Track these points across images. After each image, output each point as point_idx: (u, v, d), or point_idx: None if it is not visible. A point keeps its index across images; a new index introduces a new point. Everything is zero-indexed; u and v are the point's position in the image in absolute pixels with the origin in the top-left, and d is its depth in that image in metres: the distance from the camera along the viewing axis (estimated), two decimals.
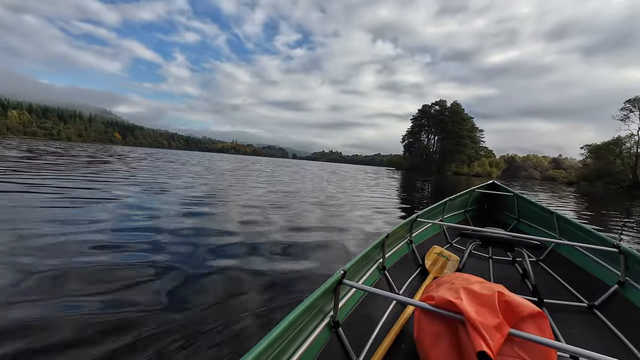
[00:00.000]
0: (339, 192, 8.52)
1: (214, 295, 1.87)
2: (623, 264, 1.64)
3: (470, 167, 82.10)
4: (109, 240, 2.74)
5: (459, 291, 0.95)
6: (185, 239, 2.95)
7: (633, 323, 1.45)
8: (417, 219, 2.22)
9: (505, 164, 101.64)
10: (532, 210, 3.11)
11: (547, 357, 0.82)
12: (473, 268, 2.21)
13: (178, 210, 4.24)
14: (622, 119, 40.89)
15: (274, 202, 5.81)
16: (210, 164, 19.56)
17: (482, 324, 0.81)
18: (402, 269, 1.94)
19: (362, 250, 1.41)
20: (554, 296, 1.80)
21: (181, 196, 5.55)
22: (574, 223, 2.33)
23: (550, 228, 2.70)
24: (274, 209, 5.02)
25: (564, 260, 2.25)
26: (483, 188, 3.73)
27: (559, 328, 1.49)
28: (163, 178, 8.44)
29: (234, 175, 12.40)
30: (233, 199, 5.84)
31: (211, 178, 9.92)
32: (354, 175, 19.36)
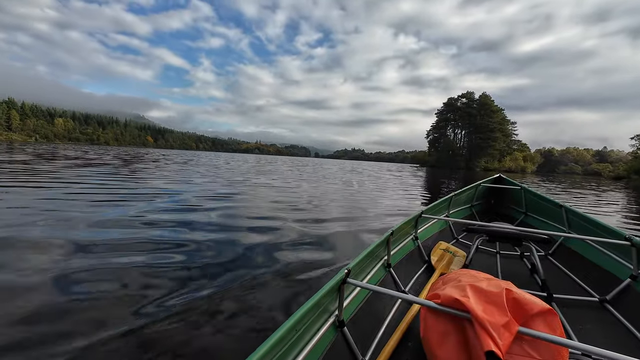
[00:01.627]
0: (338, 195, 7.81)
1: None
2: (635, 257, 1.58)
3: (502, 162, 77.32)
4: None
5: (465, 289, 0.93)
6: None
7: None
8: (422, 214, 2.16)
9: (541, 158, 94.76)
10: (540, 203, 3.02)
11: (559, 356, 0.81)
12: (480, 264, 2.18)
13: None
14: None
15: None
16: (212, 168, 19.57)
17: (490, 322, 0.80)
18: (407, 266, 1.89)
19: (366, 248, 1.37)
20: (564, 291, 1.76)
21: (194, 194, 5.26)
22: (583, 216, 2.25)
23: (559, 222, 2.60)
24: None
25: (573, 254, 2.19)
26: (489, 182, 3.61)
27: (570, 324, 1.47)
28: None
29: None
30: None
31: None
32: (367, 175, 18.46)
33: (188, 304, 1.67)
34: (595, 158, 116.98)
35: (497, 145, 77.22)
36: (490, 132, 77.22)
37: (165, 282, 1.94)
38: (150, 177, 8.25)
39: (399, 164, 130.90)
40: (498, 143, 77.31)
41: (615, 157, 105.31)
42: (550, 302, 1.65)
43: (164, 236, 2.90)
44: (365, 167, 33.07)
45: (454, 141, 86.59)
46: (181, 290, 1.83)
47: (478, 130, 78.92)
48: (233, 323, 1.52)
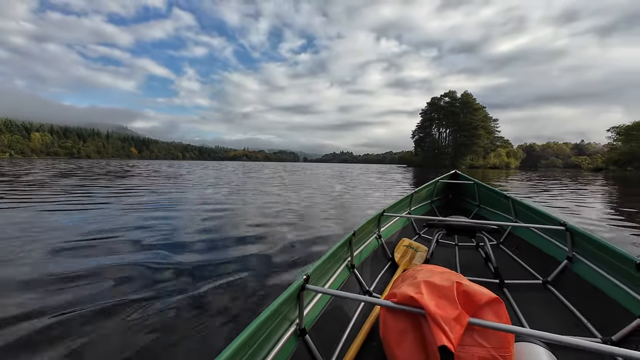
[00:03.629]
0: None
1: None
2: (570, 240, 1.73)
3: (486, 159, 78.83)
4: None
5: (420, 285, 0.95)
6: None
7: (581, 295, 1.55)
8: (384, 213, 2.19)
9: (523, 154, 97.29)
10: (491, 196, 3.19)
11: (505, 341, 0.85)
12: (441, 257, 2.26)
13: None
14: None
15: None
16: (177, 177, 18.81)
17: (443, 317, 0.82)
18: (372, 265, 1.91)
19: (327, 251, 1.35)
20: (514, 276, 1.88)
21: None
22: (526, 205, 2.41)
23: (507, 212, 2.77)
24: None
25: (520, 241, 2.34)
26: (446, 178, 3.74)
27: (519, 306, 1.57)
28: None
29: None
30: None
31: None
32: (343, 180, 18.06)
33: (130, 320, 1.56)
34: (574, 151, 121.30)
35: (481, 142, 78.74)
36: (473, 130, 78.73)
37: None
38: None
39: (387, 165, 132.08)
40: (482, 140, 78.83)
41: (592, 150, 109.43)
42: (502, 287, 1.76)
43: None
44: (349, 170, 32.79)
45: (439, 140, 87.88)
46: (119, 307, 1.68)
47: (462, 129, 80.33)
48: (183, 338, 1.43)
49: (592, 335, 1.32)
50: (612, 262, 1.41)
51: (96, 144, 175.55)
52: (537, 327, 1.32)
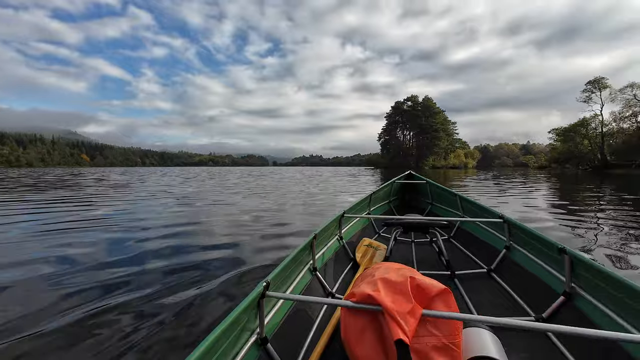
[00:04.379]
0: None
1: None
2: (507, 231, 1.90)
3: (447, 160, 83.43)
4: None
5: (377, 283, 0.98)
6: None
7: (518, 279, 1.68)
8: (344, 214, 2.23)
9: (479, 154, 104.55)
10: (441, 194, 3.36)
11: (455, 328, 0.91)
12: (399, 254, 2.33)
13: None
14: (585, 101, 42.43)
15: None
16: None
17: (398, 312, 0.86)
18: (334, 266, 1.93)
19: (288, 256, 1.34)
20: (463, 267, 2.01)
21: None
22: (471, 201, 2.58)
23: (456, 208, 2.93)
24: None
25: (468, 234, 2.51)
26: (402, 179, 3.89)
27: (467, 294, 1.68)
28: None
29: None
30: None
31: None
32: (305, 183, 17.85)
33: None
34: (522, 151, 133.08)
35: (441, 144, 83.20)
36: (434, 132, 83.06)
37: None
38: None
39: (356, 167, 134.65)
40: (442, 142, 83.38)
41: (537, 150, 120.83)
42: (452, 278, 1.87)
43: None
44: (319, 173, 32.64)
45: (403, 142, 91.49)
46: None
47: (424, 131, 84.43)
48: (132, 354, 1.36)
49: (528, 314, 1.44)
50: (541, 248, 1.56)
51: (39, 150, 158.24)
52: (484, 312, 1.51)
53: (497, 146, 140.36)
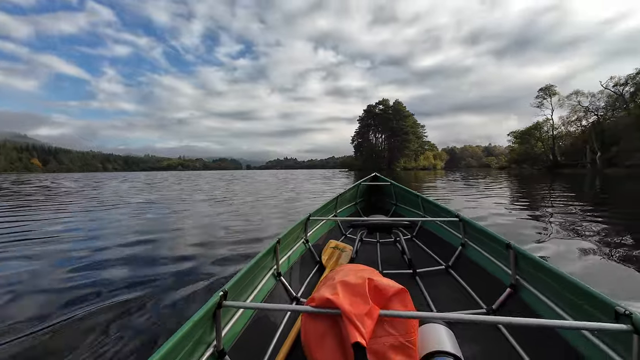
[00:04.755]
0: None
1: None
2: (462, 229, 2.00)
3: (417, 162, 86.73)
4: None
5: (336, 286, 0.98)
6: None
7: (472, 274, 1.77)
8: (310, 217, 2.23)
9: (447, 156, 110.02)
10: (404, 195, 3.45)
11: (410, 326, 0.93)
12: (365, 254, 2.36)
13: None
14: (538, 106, 46.24)
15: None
16: None
17: (356, 314, 0.87)
18: (300, 270, 1.91)
19: (249, 262, 1.29)
20: (424, 265, 2.07)
21: None
22: (431, 202, 2.67)
23: (417, 208, 3.02)
24: None
25: (429, 233, 2.59)
26: (367, 181, 3.97)
27: (428, 291, 1.73)
28: None
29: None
30: None
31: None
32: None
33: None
34: (485, 153, 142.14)
35: (411, 146, 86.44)
36: (405, 135, 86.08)
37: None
38: None
39: (331, 169, 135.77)
40: (412, 144, 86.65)
41: (498, 152, 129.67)
42: (414, 276, 1.92)
43: None
44: (293, 177, 32.40)
45: (376, 145, 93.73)
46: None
47: (395, 134, 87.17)
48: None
49: (480, 307, 1.50)
50: (490, 244, 1.65)
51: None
52: (442, 307, 1.56)
53: (462, 148, 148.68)
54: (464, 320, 0.84)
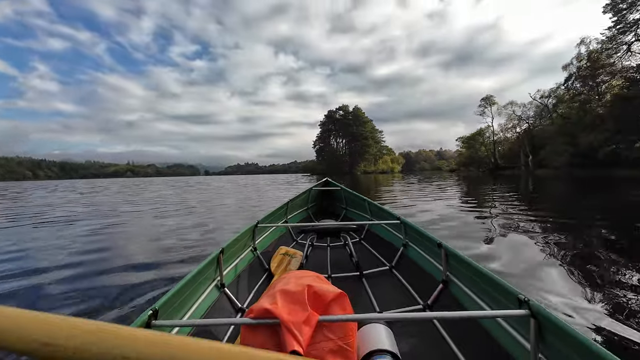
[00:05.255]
0: None
1: None
2: (403, 230, 2.11)
3: (376, 166, 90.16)
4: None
5: (276, 295, 0.98)
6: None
7: (412, 273, 1.87)
8: (258, 224, 2.20)
9: (403, 160, 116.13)
10: (354, 199, 3.54)
11: (349, 329, 0.95)
12: (315, 259, 2.38)
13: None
14: (481, 114, 51.16)
15: None
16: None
17: (294, 322, 0.87)
18: (247, 279, 1.88)
19: (186, 275, 1.19)
20: (371, 266, 2.15)
21: None
22: (377, 205, 2.83)
23: (365, 212, 3.13)
24: None
25: (375, 236, 2.68)
26: (319, 186, 4.05)
27: (373, 291, 1.80)
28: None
29: None
30: None
31: None
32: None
33: None
34: (437, 157, 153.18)
35: (371, 150, 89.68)
36: (364, 140, 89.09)
37: None
38: None
39: (293, 174, 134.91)
40: (372, 149, 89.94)
41: (448, 155, 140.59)
42: (361, 278, 1.99)
43: None
44: (254, 182, 31.43)
45: (337, 149, 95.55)
46: None
47: (355, 139, 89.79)
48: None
49: (418, 304, 1.58)
50: (425, 243, 1.77)
51: None
52: (385, 306, 1.61)
53: (417, 152, 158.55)
54: (400, 318, 0.87)
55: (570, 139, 31.17)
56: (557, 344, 0.82)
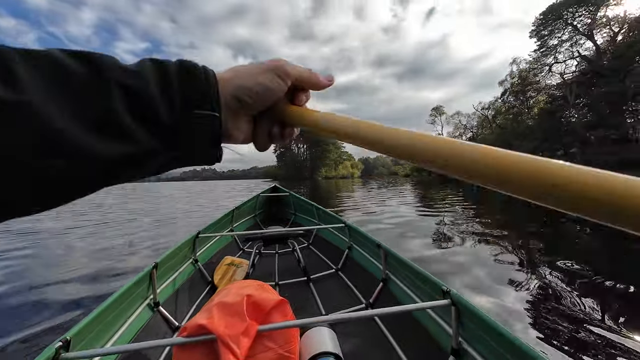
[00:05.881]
0: None
1: None
2: (348, 234, 2.18)
3: (337, 171, 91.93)
4: None
5: (212, 310, 0.93)
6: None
7: (356, 274, 1.93)
8: (199, 235, 2.10)
9: (362, 165, 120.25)
10: (302, 205, 3.61)
11: (290, 336, 0.95)
12: (262, 268, 2.31)
13: None
14: (432, 123, 55.10)
15: None
16: None
17: (231, 336, 0.85)
18: (187, 295, 1.75)
19: (110, 297, 1.08)
20: (318, 270, 2.16)
21: None
22: (324, 210, 2.92)
23: (314, 217, 3.20)
24: None
25: (323, 240, 2.72)
26: (267, 192, 4.05)
27: (320, 295, 1.82)
28: None
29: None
30: None
31: None
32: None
33: None
34: (393, 162, 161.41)
35: (331, 156, 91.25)
36: (325, 145, 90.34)
37: None
38: None
39: (254, 180, 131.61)
40: (332, 154, 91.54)
41: (404, 161, 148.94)
42: (309, 283, 1.99)
43: None
44: (207, 189, 29.76)
45: (298, 154, 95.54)
46: None
47: (316, 144, 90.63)
48: None
49: (361, 303, 1.63)
50: (367, 244, 1.87)
51: None
52: (332, 309, 1.63)
53: (375, 158, 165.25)
54: (343, 318, 0.91)
55: (507, 146, 34.30)
56: (472, 327, 0.94)
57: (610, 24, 30.55)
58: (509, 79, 39.95)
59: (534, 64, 36.77)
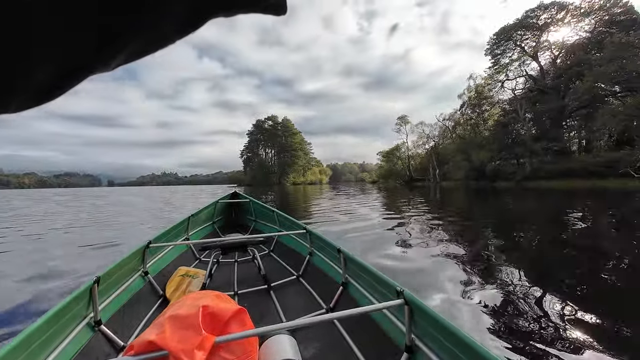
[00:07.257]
0: None
1: None
2: (309, 239, 2.18)
3: (305, 177, 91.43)
4: None
5: (164, 324, 0.89)
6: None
7: (317, 280, 1.92)
8: (149, 244, 1.95)
9: (330, 171, 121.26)
10: (262, 211, 3.54)
11: (249, 345, 0.92)
12: (220, 277, 2.24)
13: None
14: (397, 131, 56.98)
15: None
16: None
17: (184, 350, 0.81)
18: (134, 311, 1.61)
19: (40, 318, 0.97)
20: (279, 277, 2.12)
21: None
22: (285, 216, 2.84)
23: (274, 223, 3.15)
24: None
25: (284, 246, 2.67)
26: (227, 198, 3.93)
27: (281, 302, 1.79)
28: None
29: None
30: None
31: None
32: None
33: None
34: (360, 169, 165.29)
35: (300, 162, 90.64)
36: (294, 151, 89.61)
37: None
38: None
39: (218, 185, 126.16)
40: (301, 160, 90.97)
41: (370, 168, 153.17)
42: (269, 291, 1.95)
43: None
44: (164, 194, 27.43)
45: (266, 160, 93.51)
46: None
47: (284, 150, 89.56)
48: None
49: (322, 308, 1.63)
50: (328, 249, 1.88)
51: None
52: (293, 316, 1.61)
53: (343, 165, 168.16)
54: (303, 324, 0.89)
55: (466, 156, 36.91)
56: (424, 324, 0.98)
57: (552, 48, 34.14)
58: (467, 93, 42.66)
59: (488, 80, 39.81)
